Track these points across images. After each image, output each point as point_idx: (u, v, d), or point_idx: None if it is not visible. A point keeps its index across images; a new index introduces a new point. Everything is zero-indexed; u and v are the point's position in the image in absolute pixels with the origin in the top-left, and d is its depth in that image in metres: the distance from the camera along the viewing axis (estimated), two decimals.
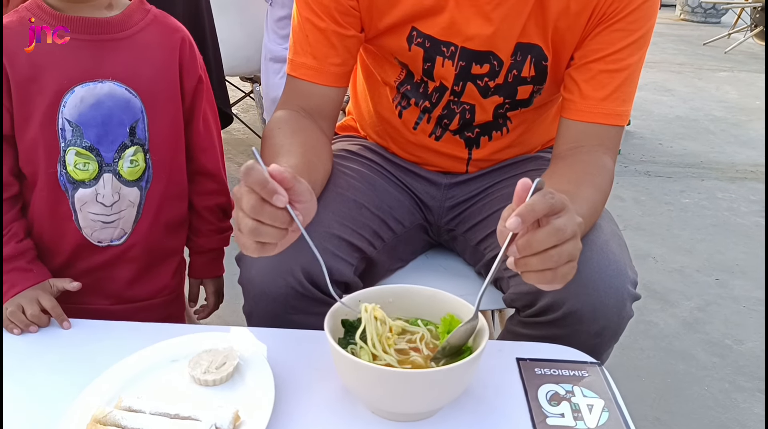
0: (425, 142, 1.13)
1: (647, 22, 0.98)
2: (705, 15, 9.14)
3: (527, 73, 1.03)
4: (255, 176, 0.67)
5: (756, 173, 3.35)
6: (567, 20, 0.97)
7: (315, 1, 1.00)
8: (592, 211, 0.92)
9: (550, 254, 0.68)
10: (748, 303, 2.14)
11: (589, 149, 0.99)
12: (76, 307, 0.96)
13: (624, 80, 0.98)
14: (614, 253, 0.92)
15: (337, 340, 0.73)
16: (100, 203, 0.97)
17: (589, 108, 0.99)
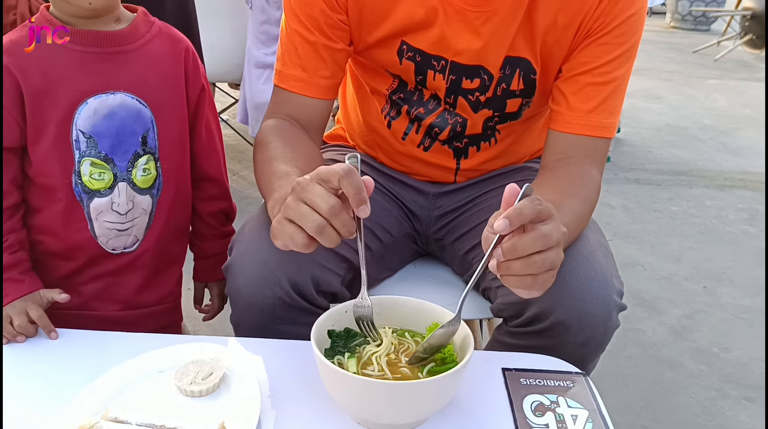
0: (414, 153, 1.14)
1: (633, 36, 0.99)
2: (695, 23, 9.22)
3: (516, 87, 1.04)
4: (355, 181, 0.69)
5: (744, 181, 3.38)
6: (555, 34, 0.99)
7: (304, 14, 1.01)
8: (578, 221, 0.93)
9: (533, 259, 0.69)
10: (735, 311, 2.15)
11: (576, 160, 1.00)
12: (86, 314, 0.99)
13: (611, 93, 1.00)
14: (600, 263, 0.93)
15: (323, 351, 0.74)
16: (116, 212, 0.99)
17: (576, 120, 1.00)
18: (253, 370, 0.79)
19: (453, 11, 0.98)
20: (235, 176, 3.09)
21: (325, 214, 0.70)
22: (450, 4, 0.97)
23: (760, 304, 2.20)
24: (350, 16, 1.01)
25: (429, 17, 0.99)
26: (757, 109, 4.88)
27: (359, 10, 1.00)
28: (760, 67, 6.70)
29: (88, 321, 0.98)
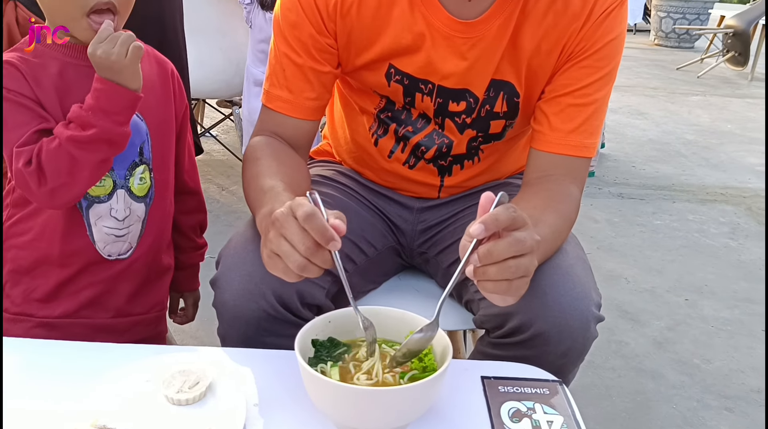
0: (399, 170, 1.17)
1: (613, 60, 1.03)
2: (678, 40, 9.37)
3: (499, 109, 1.07)
4: (317, 224, 0.72)
5: (725, 196, 3.44)
6: (539, 59, 1.02)
7: (293, 37, 1.04)
8: (555, 235, 0.95)
9: (508, 264, 0.72)
10: (717, 323, 2.19)
11: (556, 178, 1.03)
12: (78, 322, 1.01)
13: (591, 114, 1.03)
14: (579, 276, 0.96)
15: (307, 360, 0.76)
16: (114, 217, 1.03)
17: (557, 140, 1.03)
18: (238, 379, 0.81)
19: (440, 37, 1.01)
20: (224, 191, 3.11)
21: (303, 255, 0.73)
22: (437, 30, 1.01)
23: (740, 315, 2.25)
24: (338, 40, 1.04)
25: (416, 42, 1.02)
26: (738, 125, 4.98)
27: (347, 34, 1.03)
28: (742, 83, 6.83)
29: (80, 328, 1.01)
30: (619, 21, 1.01)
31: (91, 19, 0.92)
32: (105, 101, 0.90)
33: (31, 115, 0.92)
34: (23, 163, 0.89)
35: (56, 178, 0.90)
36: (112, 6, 0.93)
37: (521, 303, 0.82)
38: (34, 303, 1.03)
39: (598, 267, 2.55)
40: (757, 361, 1.98)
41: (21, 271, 1.03)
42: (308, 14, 1.02)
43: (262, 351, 0.90)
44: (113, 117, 0.91)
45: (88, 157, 0.91)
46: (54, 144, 0.90)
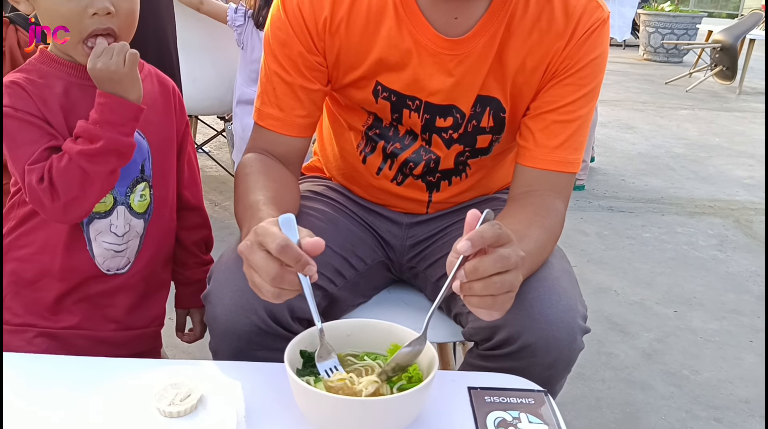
0: (387, 187, 1.19)
1: (596, 78, 1.06)
2: (667, 55, 9.48)
3: (486, 124, 1.10)
4: (290, 254, 0.73)
5: (714, 208, 3.47)
6: (524, 75, 1.05)
7: (283, 55, 1.06)
8: (541, 249, 0.98)
9: (493, 280, 0.74)
10: (705, 334, 2.21)
11: (541, 193, 1.06)
12: (82, 333, 1.04)
13: (575, 130, 1.06)
14: (565, 289, 0.98)
15: (296, 371, 0.78)
16: (113, 233, 1.04)
17: (542, 156, 1.06)
18: (229, 392, 0.82)
19: (427, 54, 1.03)
20: (217, 207, 3.13)
21: (271, 284, 0.75)
22: (424, 47, 1.03)
23: (728, 327, 2.27)
24: (327, 58, 1.07)
25: (403, 59, 1.04)
26: (726, 138, 5.04)
27: (336, 52, 1.06)
28: (730, 97, 6.91)
29: (82, 340, 1.03)
30: (601, 40, 1.04)
31: (86, 45, 0.94)
32: (109, 113, 0.92)
33: (40, 133, 0.94)
34: (36, 180, 0.91)
35: (68, 192, 0.92)
36: (111, 31, 0.95)
37: (509, 316, 0.84)
38: (37, 315, 1.04)
39: (588, 279, 2.57)
40: (745, 371, 2.00)
41: (22, 284, 1.04)
42: (297, 33, 1.04)
43: (253, 364, 0.92)
44: (119, 128, 0.93)
45: (98, 170, 0.93)
46: (64, 160, 0.92)
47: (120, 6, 0.94)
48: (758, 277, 2.67)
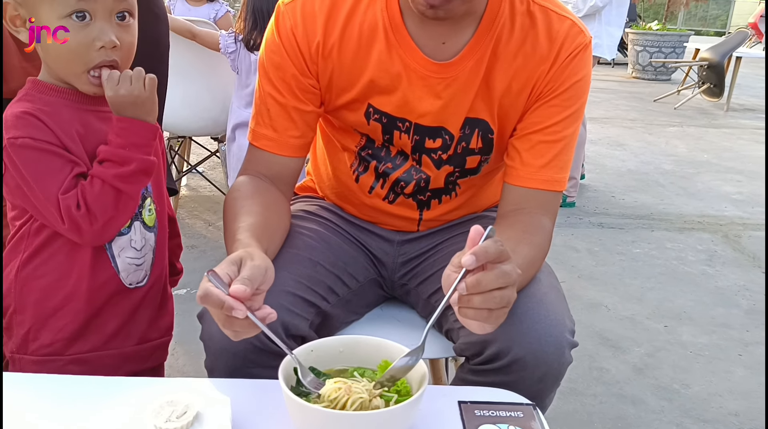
0: (379, 205, 1.22)
1: (579, 99, 1.09)
2: (655, 73, 9.61)
3: (475, 145, 1.13)
4: (212, 301, 0.77)
5: (703, 224, 3.52)
6: (510, 98, 1.08)
7: (277, 78, 1.09)
8: (529, 265, 1.01)
9: (493, 295, 0.77)
10: (695, 348, 2.24)
11: (529, 211, 1.09)
12: (108, 353, 1.07)
13: (561, 150, 1.09)
14: (553, 304, 1.01)
15: (290, 387, 0.80)
16: (134, 248, 1.07)
17: (529, 175, 1.09)
18: (224, 408, 0.84)
19: (416, 77, 1.07)
20: (211, 226, 3.15)
21: (224, 328, 0.82)
22: (414, 70, 1.07)
23: (717, 341, 2.30)
24: (320, 80, 1.10)
25: (393, 83, 1.08)
26: (714, 154, 5.10)
27: (329, 75, 1.09)
28: (718, 114, 7.01)
29: (109, 360, 1.06)
30: (584, 64, 1.08)
31: (90, 75, 0.96)
32: (134, 136, 0.97)
33: (63, 161, 0.96)
34: (74, 207, 0.94)
35: (105, 214, 0.96)
36: (115, 63, 0.97)
37: (499, 331, 0.87)
38: (63, 342, 1.04)
39: (579, 295, 2.60)
40: (735, 385, 2.03)
41: (47, 313, 1.04)
42: (291, 56, 1.08)
43: (247, 381, 0.93)
44: (145, 149, 0.98)
45: (132, 189, 0.98)
46: (96, 184, 0.95)
47: (123, 39, 0.97)
48: (746, 291, 2.71)
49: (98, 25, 0.94)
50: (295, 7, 1.08)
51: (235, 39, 2.67)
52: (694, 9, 20.72)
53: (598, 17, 3.33)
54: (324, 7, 1.07)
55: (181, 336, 2.03)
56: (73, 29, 0.94)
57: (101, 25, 0.95)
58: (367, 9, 1.07)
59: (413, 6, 0.99)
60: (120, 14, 0.97)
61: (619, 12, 3.39)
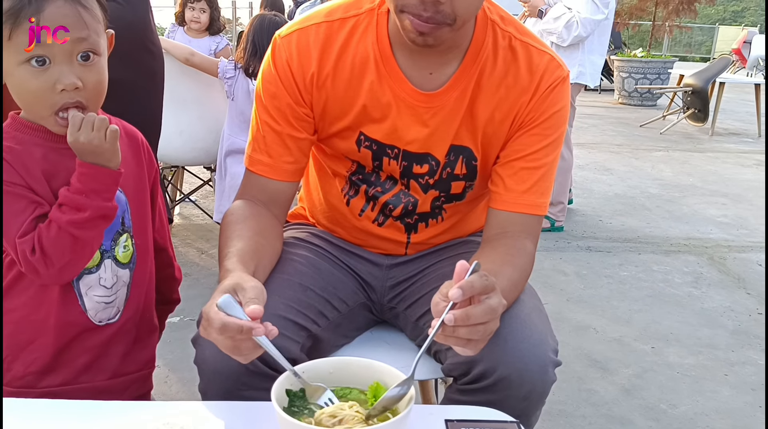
0: (369, 228, 1.27)
1: (559, 128, 1.15)
2: (641, 99, 9.77)
3: (459, 171, 1.18)
4: (232, 329, 0.82)
5: (689, 246, 3.57)
6: (493, 126, 1.14)
7: (272, 107, 1.15)
8: (513, 287, 1.05)
9: (478, 328, 0.82)
10: (682, 369, 2.28)
11: (512, 235, 1.13)
12: (80, 387, 1.06)
13: (542, 176, 1.14)
14: (536, 324, 1.05)
15: (282, 408, 0.83)
16: (103, 286, 1.07)
17: (512, 199, 1.14)
18: (218, 427, 0.87)
19: (404, 106, 1.13)
20: (203, 255, 3.18)
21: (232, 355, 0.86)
22: (402, 100, 1.12)
23: (704, 361, 2.33)
24: (314, 110, 1.15)
25: (384, 112, 1.13)
26: (699, 178, 5.19)
27: (322, 105, 1.15)
28: (703, 138, 7.13)
29: (81, 393, 1.04)
30: (562, 95, 1.14)
31: (58, 116, 0.97)
32: (93, 182, 0.97)
33: (26, 203, 0.97)
34: (29, 251, 0.96)
35: (61, 258, 0.97)
36: (80, 103, 0.97)
37: (485, 351, 0.91)
38: (35, 375, 1.06)
39: (567, 318, 2.64)
40: (721, 404, 2.06)
41: (20, 346, 1.06)
42: (287, 86, 1.13)
43: (240, 403, 0.96)
44: (103, 195, 0.98)
45: (88, 234, 0.98)
46: (53, 229, 0.96)
47: (87, 79, 0.97)
48: (732, 312, 2.75)
49: (58, 68, 0.94)
50: (291, 40, 1.13)
51: (234, 66, 2.75)
52: (678, 36, 21.11)
53: (582, 46, 3.42)
54: (318, 40, 1.12)
55: (173, 363, 2.06)
56: (33, 74, 0.94)
57: (61, 68, 0.94)
58: (359, 42, 1.12)
59: (404, 35, 1.04)
60: (83, 54, 0.96)
61: (601, 41, 3.49)
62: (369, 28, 1.12)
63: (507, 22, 1.15)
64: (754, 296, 2.92)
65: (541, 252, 3.36)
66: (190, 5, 3.74)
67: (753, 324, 2.64)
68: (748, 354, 2.39)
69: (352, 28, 1.13)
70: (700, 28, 24.30)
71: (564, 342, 2.43)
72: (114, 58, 1.02)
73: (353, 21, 1.13)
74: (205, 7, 3.75)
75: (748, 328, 2.60)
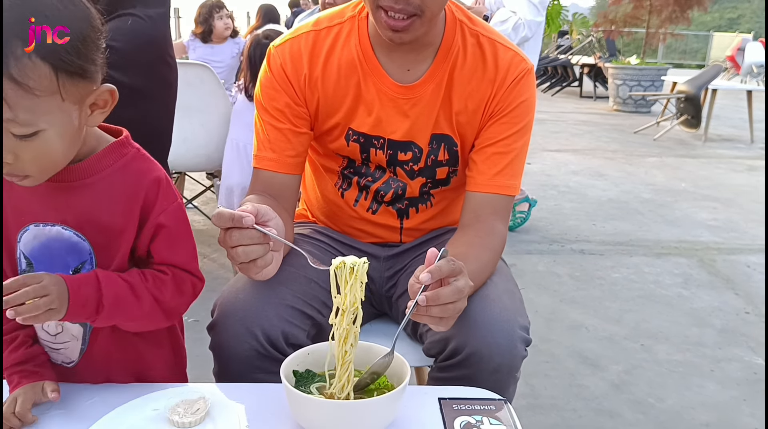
0: (364, 216, 1.37)
1: (526, 117, 1.27)
2: (635, 106, 9.88)
3: (442, 157, 1.30)
4: (224, 216, 0.94)
5: (679, 249, 3.66)
6: (467, 115, 1.26)
7: (273, 109, 1.26)
8: (483, 267, 1.16)
9: (448, 307, 0.93)
10: (670, 365, 2.36)
11: (484, 218, 1.24)
12: None
13: (512, 160, 1.26)
14: (505, 303, 1.14)
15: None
16: (45, 331, 1.02)
17: (485, 181, 1.25)
18: (232, 406, 0.95)
19: (387, 99, 1.25)
20: (206, 259, 3.26)
21: (231, 244, 0.96)
22: (384, 93, 1.25)
23: (691, 358, 2.42)
24: (309, 108, 1.27)
25: (369, 106, 1.26)
26: (692, 183, 5.28)
27: (316, 103, 1.27)
28: (696, 144, 7.22)
29: None
30: (528, 87, 1.26)
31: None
32: None
33: None
34: None
35: None
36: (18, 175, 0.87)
37: (456, 329, 1.03)
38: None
39: (560, 318, 2.72)
40: (706, 398, 2.15)
41: None
42: (284, 88, 1.25)
43: (252, 385, 1.05)
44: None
45: None
46: None
47: (23, 154, 0.84)
48: (720, 311, 2.84)
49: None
50: (284, 48, 1.26)
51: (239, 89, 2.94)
52: (673, 43, 21.26)
53: (524, 47, 3.58)
54: (308, 46, 1.25)
55: None
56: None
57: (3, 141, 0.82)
58: (344, 46, 1.25)
59: (381, 33, 1.16)
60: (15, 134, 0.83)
61: (536, 42, 3.67)
62: (352, 33, 1.25)
63: (474, 23, 1.27)
64: (741, 297, 3.01)
65: (535, 255, 3.46)
66: (218, 15, 4.17)
67: (740, 323, 2.73)
68: (735, 351, 2.48)
69: (337, 34, 1.26)
70: (695, 36, 24.51)
71: (556, 340, 2.52)
72: (136, 69, 1.10)
73: (337, 28, 1.26)
74: (230, 14, 4.23)
75: (735, 327, 2.69)
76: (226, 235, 0.95)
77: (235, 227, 0.94)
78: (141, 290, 0.96)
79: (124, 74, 1.42)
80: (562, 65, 12.31)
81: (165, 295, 0.98)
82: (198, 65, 3.08)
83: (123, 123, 1.05)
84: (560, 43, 14.72)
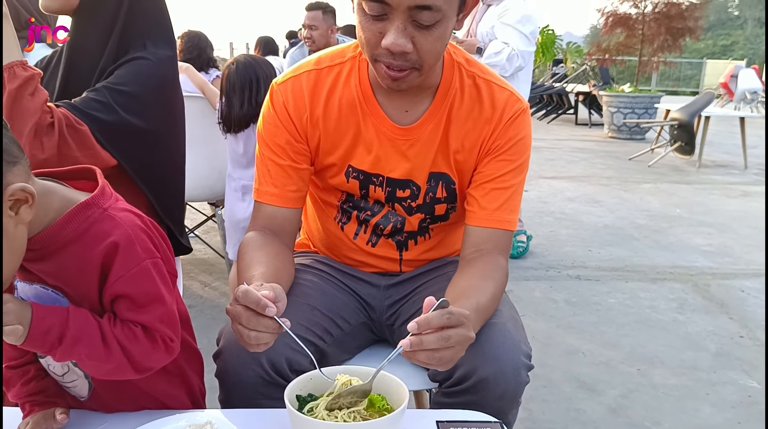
0: (364, 248, 1.41)
1: (523, 154, 1.31)
2: (630, 133, 10.00)
3: (440, 195, 1.34)
4: (251, 297, 0.94)
5: (674, 274, 3.71)
6: (464, 154, 1.30)
7: (274, 145, 1.31)
8: (492, 299, 1.19)
9: (433, 354, 0.93)
10: (666, 389, 2.39)
11: (487, 252, 1.28)
12: None
13: (510, 195, 1.30)
14: (510, 332, 1.18)
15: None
16: (53, 372, 1.07)
17: (485, 216, 1.29)
18: None
19: (386, 139, 1.29)
20: (207, 287, 3.30)
21: (247, 327, 0.95)
22: (383, 134, 1.29)
23: (687, 382, 2.45)
24: (310, 145, 1.32)
25: (368, 145, 1.30)
26: (686, 209, 5.34)
27: (317, 140, 1.31)
28: (690, 170, 7.30)
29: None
30: (523, 125, 1.30)
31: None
32: None
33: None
34: None
35: None
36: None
37: (465, 357, 1.03)
38: None
39: (557, 343, 2.76)
40: (702, 421, 2.17)
41: None
42: (285, 125, 1.30)
43: (257, 410, 1.09)
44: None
45: None
46: None
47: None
48: (714, 336, 2.88)
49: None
50: (286, 86, 1.31)
51: None
52: (666, 71, 21.53)
53: (516, 77, 3.67)
54: (309, 85, 1.30)
55: None
56: None
57: None
58: (345, 86, 1.30)
59: (381, 81, 1.20)
60: None
61: (528, 71, 3.76)
62: (352, 73, 1.30)
63: (471, 64, 1.32)
64: (736, 321, 3.05)
65: (532, 281, 3.50)
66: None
67: (735, 347, 2.77)
68: (729, 375, 2.51)
69: (338, 74, 1.30)
70: (689, 63, 24.83)
71: (554, 365, 2.56)
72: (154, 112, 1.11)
73: (338, 68, 1.31)
74: None
75: (730, 351, 2.72)
76: (243, 315, 0.94)
77: (254, 310, 0.94)
78: (109, 334, 0.94)
79: (145, 119, 1.46)
80: (558, 93, 12.47)
81: (132, 343, 0.96)
82: (198, 98, 3.16)
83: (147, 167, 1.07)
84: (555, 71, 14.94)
